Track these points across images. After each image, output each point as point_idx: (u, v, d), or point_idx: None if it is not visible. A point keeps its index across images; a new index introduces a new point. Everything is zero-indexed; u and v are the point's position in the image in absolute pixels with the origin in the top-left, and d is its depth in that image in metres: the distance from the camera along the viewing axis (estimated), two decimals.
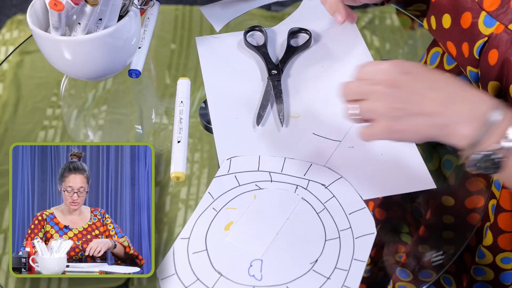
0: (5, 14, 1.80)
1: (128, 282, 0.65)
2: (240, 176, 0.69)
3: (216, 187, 0.68)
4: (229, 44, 0.88)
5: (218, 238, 0.63)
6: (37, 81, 0.91)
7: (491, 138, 0.52)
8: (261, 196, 0.67)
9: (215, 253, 0.62)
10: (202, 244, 0.63)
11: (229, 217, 0.65)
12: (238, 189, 0.68)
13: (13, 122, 0.83)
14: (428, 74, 0.56)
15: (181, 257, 0.62)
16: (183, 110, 0.77)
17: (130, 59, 0.82)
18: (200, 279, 0.60)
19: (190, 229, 0.64)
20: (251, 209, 0.66)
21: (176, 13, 1.03)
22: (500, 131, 0.51)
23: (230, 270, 0.60)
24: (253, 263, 0.61)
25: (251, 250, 0.62)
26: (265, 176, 0.69)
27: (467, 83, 0.56)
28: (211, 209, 0.66)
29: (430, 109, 0.54)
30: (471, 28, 0.66)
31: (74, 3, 0.66)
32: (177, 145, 0.72)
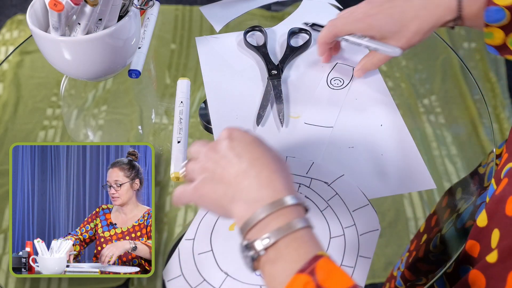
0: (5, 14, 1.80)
1: (128, 282, 0.65)
2: None
3: None
4: (229, 44, 0.88)
5: (223, 238, 0.63)
6: (37, 81, 0.91)
7: (253, 231, 0.48)
8: None
9: (221, 254, 0.62)
10: (207, 245, 0.63)
11: None
12: None
13: (13, 122, 0.83)
14: (247, 145, 0.52)
15: (187, 258, 0.62)
16: (183, 110, 0.77)
17: (130, 59, 0.82)
18: (206, 279, 0.60)
19: (195, 230, 0.64)
20: None
21: (176, 13, 1.03)
22: (264, 229, 0.47)
23: (236, 270, 0.60)
24: None
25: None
26: None
27: (279, 165, 0.52)
28: None
29: (228, 177, 0.51)
30: None
31: (74, 3, 0.66)
32: (177, 145, 0.72)
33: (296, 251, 0.45)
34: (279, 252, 0.46)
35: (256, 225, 0.47)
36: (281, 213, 0.47)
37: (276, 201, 0.48)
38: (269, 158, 0.52)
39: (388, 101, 0.79)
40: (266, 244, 0.46)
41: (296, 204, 0.48)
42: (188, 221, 0.73)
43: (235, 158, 0.52)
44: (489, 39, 0.68)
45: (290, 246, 0.46)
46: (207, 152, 0.54)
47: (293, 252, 0.45)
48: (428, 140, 0.81)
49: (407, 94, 0.88)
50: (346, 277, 0.42)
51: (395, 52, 0.71)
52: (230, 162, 0.52)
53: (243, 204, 0.49)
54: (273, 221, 0.47)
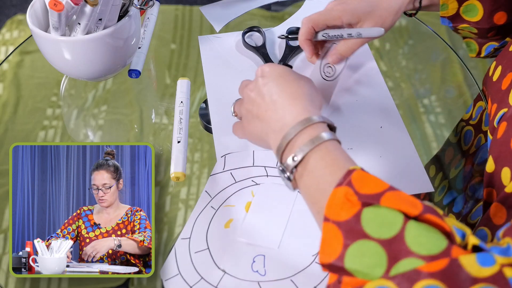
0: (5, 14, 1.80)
1: (128, 282, 0.65)
2: (236, 173, 0.69)
3: (213, 185, 0.68)
4: (231, 44, 0.88)
5: (219, 236, 0.64)
6: (37, 81, 0.91)
7: (285, 153, 0.52)
8: (258, 192, 0.67)
9: (217, 251, 0.62)
10: (203, 243, 0.63)
11: (228, 215, 0.65)
12: (235, 186, 0.68)
13: (13, 122, 0.83)
14: (276, 78, 0.57)
15: (184, 257, 0.62)
16: (183, 110, 0.77)
17: (130, 59, 0.82)
18: (204, 277, 0.60)
19: (190, 229, 0.64)
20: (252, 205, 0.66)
21: (176, 13, 1.03)
22: (293, 148, 0.51)
23: (233, 267, 0.61)
24: (256, 258, 0.62)
25: (265, 244, 0.62)
26: (260, 171, 0.70)
27: (306, 90, 0.56)
28: (209, 208, 0.66)
29: (262, 113, 0.56)
30: (505, 92, 0.63)
31: (74, 3, 0.66)
32: (177, 145, 0.72)
33: (328, 167, 0.48)
34: (311, 167, 0.49)
35: (286, 147, 0.51)
36: (307, 130, 0.51)
37: (301, 121, 0.51)
38: (295, 87, 0.56)
39: (388, 102, 0.79)
40: (297, 160, 0.49)
41: (322, 121, 0.52)
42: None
43: (266, 94, 0.56)
44: (444, 11, 0.74)
45: (321, 161, 0.49)
46: (246, 92, 0.59)
47: (326, 168, 0.48)
48: (428, 140, 0.81)
49: (407, 94, 0.88)
50: (381, 182, 0.45)
51: (379, 31, 0.70)
52: (262, 99, 0.56)
53: (274, 134, 0.54)
54: (300, 138, 0.51)
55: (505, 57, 0.68)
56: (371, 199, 0.43)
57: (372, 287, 0.40)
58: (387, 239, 0.41)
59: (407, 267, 0.39)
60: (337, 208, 0.44)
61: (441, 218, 0.42)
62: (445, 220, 0.42)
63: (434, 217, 0.42)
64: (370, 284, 0.40)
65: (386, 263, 0.40)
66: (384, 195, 0.43)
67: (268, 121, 0.55)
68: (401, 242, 0.40)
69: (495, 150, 0.58)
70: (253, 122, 0.58)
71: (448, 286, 0.38)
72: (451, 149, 0.78)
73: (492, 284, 0.37)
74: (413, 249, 0.40)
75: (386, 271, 0.40)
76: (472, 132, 0.74)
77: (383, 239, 0.41)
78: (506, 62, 0.67)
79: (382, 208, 0.42)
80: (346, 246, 0.42)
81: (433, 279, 0.38)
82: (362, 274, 0.41)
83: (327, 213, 0.45)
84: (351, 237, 0.42)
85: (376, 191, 0.44)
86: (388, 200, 0.43)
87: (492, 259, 0.39)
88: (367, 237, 0.42)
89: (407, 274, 0.39)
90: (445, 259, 0.39)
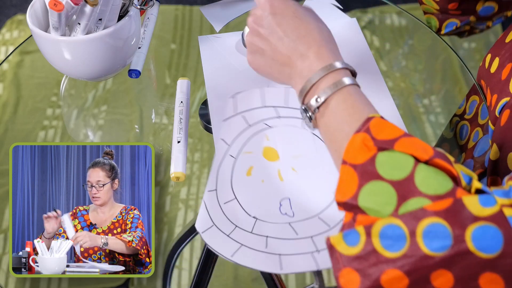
0: (5, 14, 1.80)
1: (128, 282, 0.65)
2: (248, 115, 0.71)
3: (227, 130, 0.70)
4: (231, 44, 0.88)
5: (244, 184, 0.65)
6: (37, 81, 0.91)
7: (309, 95, 0.55)
8: (272, 136, 0.69)
9: (245, 200, 0.64)
10: (230, 193, 0.65)
11: (247, 162, 0.67)
12: (248, 131, 0.70)
13: (13, 122, 0.83)
14: (292, 19, 0.58)
15: (214, 209, 0.63)
16: (183, 110, 0.77)
17: (130, 59, 0.82)
18: (238, 225, 0.62)
19: (215, 180, 0.66)
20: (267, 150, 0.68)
21: (176, 13, 1.03)
22: (316, 90, 0.54)
23: (263, 213, 0.63)
24: (282, 202, 0.64)
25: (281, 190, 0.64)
26: (271, 113, 0.71)
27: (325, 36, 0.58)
28: (228, 157, 0.67)
29: (280, 57, 0.58)
30: (505, 82, 0.64)
31: (74, 3, 0.66)
32: (177, 145, 0.72)
33: (348, 109, 0.52)
34: (332, 108, 0.52)
35: (310, 90, 0.54)
36: (331, 75, 0.54)
37: (325, 66, 0.54)
38: (314, 31, 0.57)
39: (389, 102, 0.79)
40: (320, 101, 0.53)
41: (344, 68, 0.55)
42: (188, 221, 0.73)
43: (284, 36, 0.57)
44: None
45: (342, 104, 0.52)
46: (253, 25, 0.60)
47: (346, 110, 0.52)
48: (428, 140, 0.81)
49: (407, 94, 0.88)
50: (397, 129, 0.47)
51: None
52: (280, 41, 0.58)
53: (300, 79, 0.56)
54: (323, 82, 0.54)
55: (502, 48, 0.68)
56: (386, 144, 0.46)
57: (382, 225, 0.43)
58: (398, 180, 0.44)
59: (415, 206, 0.43)
60: (355, 152, 0.47)
61: (450, 163, 0.44)
62: (454, 165, 0.44)
63: (443, 162, 0.44)
64: (380, 222, 0.43)
65: (396, 202, 0.44)
66: (399, 140, 0.46)
67: (291, 67, 0.57)
68: (410, 183, 0.44)
69: (499, 138, 0.59)
70: (266, 61, 0.60)
71: (450, 223, 0.41)
72: (447, 145, 0.78)
73: (491, 222, 0.40)
74: (421, 189, 0.43)
75: (396, 209, 0.43)
76: (468, 127, 0.75)
77: (394, 180, 0.44)
78: (504, 53, 0.67)
79: (395, 153, 0.45)
80: (361, 186, 0.45)
81: (437, 217, 0.41)
82: (374, 212, 0.44)
83: (345, 157, 0.48)
84: (366, 178, 0.45)
85: (392, 137, 0.46)
86: (402, 145, 0.45)
87: (493, 200, 0.41)
88: (380, 178, 0.45)
89: (414, 213, 0.42)
90: (449, 199, 0.42)
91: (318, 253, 0.59)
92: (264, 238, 0.61)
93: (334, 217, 0.62)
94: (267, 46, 0.59)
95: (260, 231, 0.61)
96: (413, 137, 0.46)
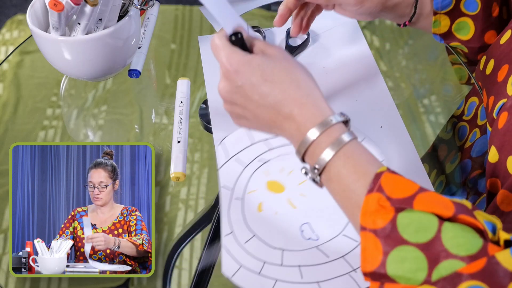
0: (5, 14, 1.80)
1: (128, 282, 0.65)
2: (241, 157, 0.71)
3: (225, 177, 0.69)
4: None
5: (258, 220, 0.64)
6: (37, 81, 0.91)
7: (307, 158, 0.52)
8: (271, 170, 0.69)
9: (265, 234, 0.63)
10: (248, 232, 0.64)
11: (255, 200, 0.66)
12: (246, 171, 0.69)
13: (13, 122, 0.83)
14: (262, 85, 0.53)
15: (237, 250, 0.62)
16: (183, 110, 0.77)
17: (130, 59, 0.82)
18: (267, 261, 0.61)
19: (228, 224, 0.64)
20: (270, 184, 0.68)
21: (176, 13, 1.03)
22: (314, 155, 0.51)
23: (288, 243, 0.62)
24: (303, 227, 0.63)
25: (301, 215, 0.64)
26: (262, 147, 0.71)
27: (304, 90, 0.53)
28: (235, 201, 0.67)
29: (265, 122, 0.54)
30: (502, 83, 0.64)
31: (74, 3, 0.66)
32: (177, 145, 0.72)
33: (351, 174, 0.48)
34: (335, 175, 0.49)
35: (306, 152, 0.51)
36: (325, 134, 0.50)
37: (318, 124, 0.50)
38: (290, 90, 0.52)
39: (388, 102, 0.79)
40: (320, 169, 0.50)
41: (338, 122, 0.51)
42: (188, 221, 0.73)
43: (260, 105, 0.53)
44: (436, 28, 0.75)
45: (344, 169, 0.49)
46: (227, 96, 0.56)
47: (349, 175, 0.48)
48: (428, 140, 0.81)
49: (407, 94, 0.88)
50: (410, 183, 0.46)
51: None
52: (258, 108, 0.53)
53: (292, 140, 0.53)
54: (319, 146, 0.50)
55: (497, 50, 0.68)
56: (404, 203, 0.44)
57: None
58: (424, 243, 0.42)
59: (448, 270, 0.41)
60: (372, 216, 0.45)
61: (474, 217, 0.43)
62: (477, 217, 0.43)
63: (467, 217, 0.43)
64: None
65: (427, 267, 0.42)
66: (416, 198, 0.44)
67: (278, 128, 0.54)
68: (439, 244, 0.42)
69: (497, 141, 0.58)
70: (258, 125, 0.56)
71: (489, 285, 0.39)
72: (444, 146, 0.78)
73: None
74: (452, 251, 0.41)
75: (428, 274, 0.42)
76: (466, 128, 0.75)
77: (420, 243, 0.42)
78: (499, 54, 0.67)
79: (416, 212, 0.44)
80: (386, 253, 0.43)
81: (474, 280, 0.40)
82: (405, 279, 0.42)
83: (362, 222, 0.46)
84: (390, 244, 0.43)
85: (408, 194, 0.45)
86: (421, 203, 0.44)
87: None
88: (405, 243, 0.43)
89: (449, 278, 0.40)
90: (483, 258, 0.40)
91: (356, 272, 0.58)
92: (297, 268, 0.60)
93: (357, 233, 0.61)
94: (248, 113, 0.55)
95: (290, 262, 0.60)
96: (429, 191, 0.45)
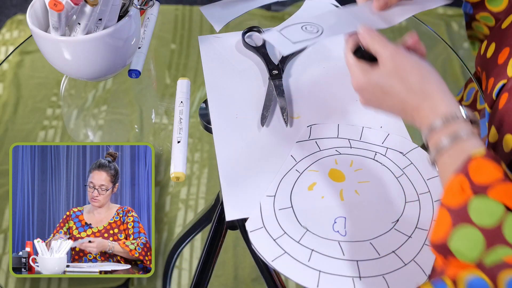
0: (5, 14, 1.80)
1: (128, 282, 0.65)
2: (321, 142, 0.72)
3: (298, 150, 0.71)
4: (231, 44, 0.88)
5: (302, 197, 0.66)
6: (37, 81, 0.91)
7: (430, 141, 0.56)
8: (341, 161, 0.70)
9: (300, 210, 0.64)
10: (287, 201, 0.65)
11: (312, 178, 0.68)
12: (319, 154, 0.71)
13: (13, 122, 0.83)
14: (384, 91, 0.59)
15: (268, 213, 0.64)
16: (183, 110, 0.77)
17: (130, 59, 0.82)
18: (287, 233, 0.62)
19: (275, 188, 0.67)
20: (333, 171, 0.69)
21: (176, 13, 1.03)
22: (436, 138, 0.55)
23: (315, 226, 0.63)
24: (337, 220, 0.64)
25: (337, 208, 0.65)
26: (344, 143, 0.72)
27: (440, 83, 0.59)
28: (294, 171, 0.68)
29: (402, 107, 0.59)
30: (503, 65, 0.65)
31: (74, 3, 0.66)
32: (177, 145, 0.72)
33: (460, 154, 0.52)
34: (447, 162, 0.53)
35: (435, 133, 0.55)
36: (451, 127, 0.54)
37: (448, 118, 0.54)
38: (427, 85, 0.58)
39: None
40: (442, 147, 0.53)
41: (465, 120, 0.55)
42: (188, 221, 0.73)
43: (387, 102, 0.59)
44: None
45: (455, 151, 0.52)
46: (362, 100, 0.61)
47: (457, 157, 0.52)
48: None
49: None
50: (496, 172, 0.49)
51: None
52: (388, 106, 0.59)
53: (423, 127, 0.57)
54: (443, 136, 0.54)
55: (498, 34, 0.69)
56: (481, 189, 0.48)
57: (465, 275, 0.46)
58: (487, 227, 0.46)
59: (500, 255, 0.45)
60: (452, 195, 0.49)
61: None
62: None
63: None
64: (463, 272, 0.46)
65: (483, 248, 0.46)
66: (494, 187, 0.48)
67: (408, 119, 0.59)
68: (499, 231, 0.46)
69: (497, 120, 0.60)
70: (382, 108, 0.61)
71: None
72: None
73: None
74: (509, 240, 0.45)
75: (482, 255, 0.46)
76: None
77: (484, 227, 0.47)
78: (500, 38, 0.68)
79: (488, 200, 0.47)
80: (453, 229, 0.48)
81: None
82: (461, 255, 0.47)
83: (443, 199, 0.50)
84: (458, 222, 0.48)
85: (488, 181, 0.48)
86: (496, 193, 0.48)
87: None
88: (471, 223, 0.47)
89: (499, 263, 0.44)
90: None
91: (360, 280, 0.59)
92: (310, 251, 0.61)
93: (386, 246, 0.61)
94: (381, 104, 0.60)
95: (307, 243, 0.61)
96: (509, 183, 0.48)
